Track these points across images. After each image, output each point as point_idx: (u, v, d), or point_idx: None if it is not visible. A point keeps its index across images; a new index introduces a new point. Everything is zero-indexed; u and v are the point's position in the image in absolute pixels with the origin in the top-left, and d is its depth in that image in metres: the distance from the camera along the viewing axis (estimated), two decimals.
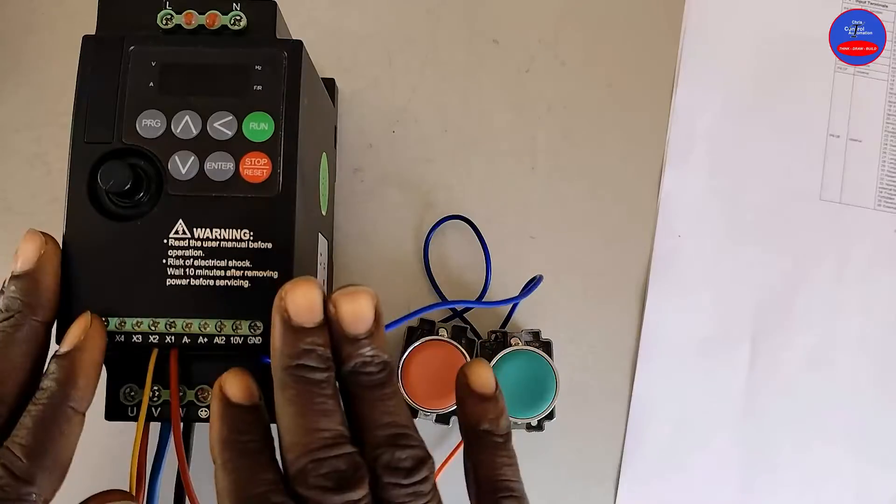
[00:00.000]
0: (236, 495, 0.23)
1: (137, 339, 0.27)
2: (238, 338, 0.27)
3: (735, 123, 0.44)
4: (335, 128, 0.42)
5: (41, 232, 0.27)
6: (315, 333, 0.25)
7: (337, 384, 0.25)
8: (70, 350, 0.26)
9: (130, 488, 0.27)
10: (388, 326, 0.30)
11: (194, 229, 0.28)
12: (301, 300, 0.25)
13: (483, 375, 0.28)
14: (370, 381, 0.25)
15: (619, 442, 0.42)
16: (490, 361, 0.37)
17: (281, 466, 0.24)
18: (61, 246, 0.28)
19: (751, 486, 0.42)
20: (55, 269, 0.27)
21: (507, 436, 0.28)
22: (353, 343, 0.25)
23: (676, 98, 0.45)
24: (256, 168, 0.28)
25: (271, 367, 0.25)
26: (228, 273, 0.28)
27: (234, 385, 0.25)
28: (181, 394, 0.29)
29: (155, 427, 0.29)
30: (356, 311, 0.25)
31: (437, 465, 0.38)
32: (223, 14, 0.30)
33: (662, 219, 0.43)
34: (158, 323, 0.27)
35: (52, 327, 0.27)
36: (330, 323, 0.25)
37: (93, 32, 0.30)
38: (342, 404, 0.25)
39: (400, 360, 0.37)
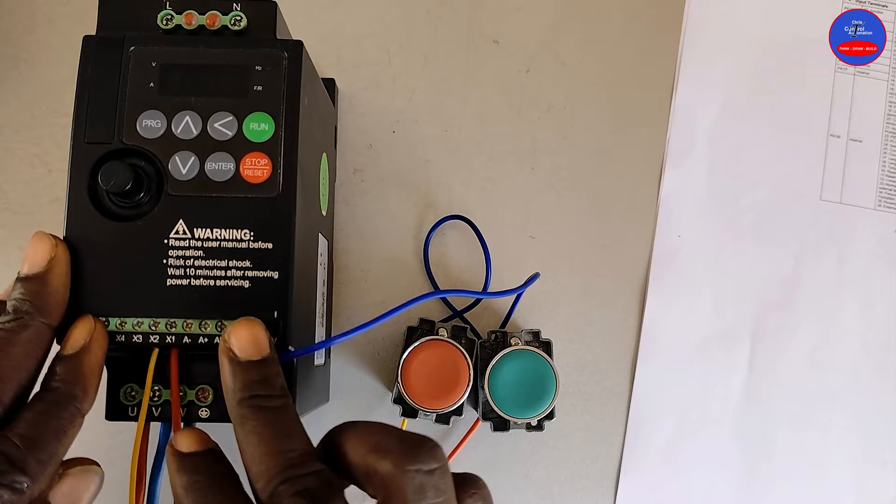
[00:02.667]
0: None
1: (138, 339, 0.27)
2: None
3: (735, 123, 0.44)
4: (335, 128, 0.42)
5: (51, 234, 0.27)
6: (265, 364, 0.25)
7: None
8: (77, 352, 0.26)
9: (130, 488, 0.27)
10: (385, 315, 0.30)
11: (195, 229, 0.28)
12: (244, 336, 0.25)
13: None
14: None
15: (619, 442, 0.42)
16: (490, 361, 0.37)
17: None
18: None
19: (750, 485, 0.42)
20: (65, 272, 0.27)
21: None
22: None
23: (676, 98, 0.45)
24: (257, 168, 0.28)
25: (228, 409, 0.25)
26: (229, 273, 0.28)
27: (186, 442, 0.25)
28: (181, 394, 0.29)
29: (155, 427, 0.29)
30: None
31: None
32: (223, 14, 0.30)
33: (662, 219, 0.43)
34: (159, 323, 0.27)
35: (56, 331, 0.27)
36: None
37: (93, 32, 0.30)
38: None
39: (400, 360, 0.37)
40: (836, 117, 0.45)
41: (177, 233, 0.28)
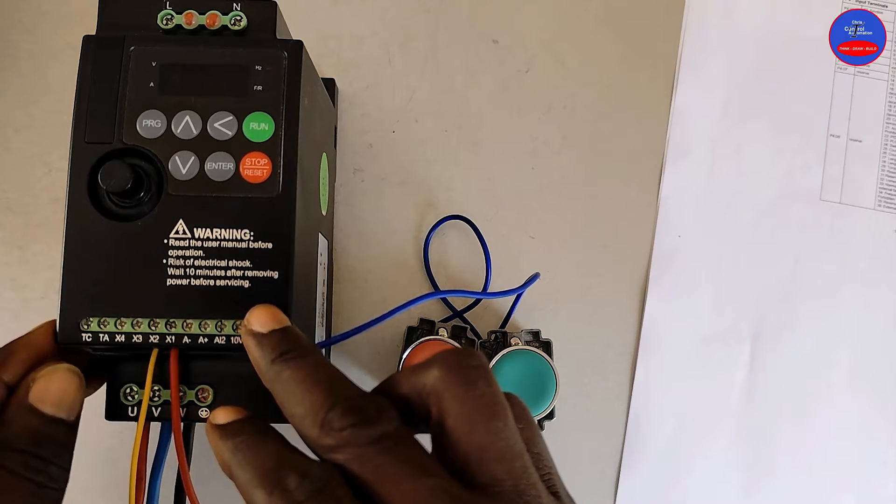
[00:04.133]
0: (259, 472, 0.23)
1: (137, 339, 0.27)
2: (238, 338, 0.27)
3: (735, 123, 0.44)
4: (335, 128, 0.42)
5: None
6: (289, 331, 0.25)
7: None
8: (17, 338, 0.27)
9: (130, 488, 0.27)
10: (385, 316, 0.30)
11: (194, 229, 0.28)
12: (262, 314, 0.25)
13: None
14: None
15: (619, 442, 0.42)
16: (490, 361, 0.37)
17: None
18: (62, 246, 0.28)
19: (751, 485, 0.42)
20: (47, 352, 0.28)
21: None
22: None
23: (676, 98, 0.45)
24: (256, 168, 0.28)
25: (262, 378, 0.25)
26: (229, 273, 0.28)
27: (223, 415, 0.25)
28: (181, 394, 0.29)
29: (155, 427, 0.29)
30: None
31: None
32: (223, 14, 0.30)
33: (662, 219, 0.43)
34: (158, 323, 0.27)
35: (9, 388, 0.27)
36: None
37: (93, 32, 0.30)
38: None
39: (400, 359, 0.37)
40: (836, 117, 0.45)
41: (177, 233, 0.28)
